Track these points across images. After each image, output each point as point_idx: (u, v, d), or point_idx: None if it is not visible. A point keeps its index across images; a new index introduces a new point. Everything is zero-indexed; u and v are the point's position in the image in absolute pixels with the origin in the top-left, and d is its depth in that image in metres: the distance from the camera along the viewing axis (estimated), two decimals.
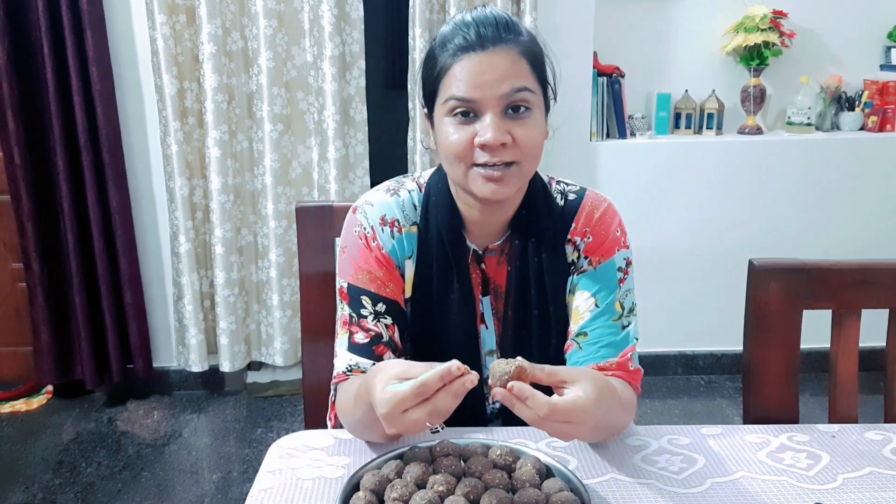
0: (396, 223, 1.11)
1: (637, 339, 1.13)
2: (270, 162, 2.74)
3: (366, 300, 1.09)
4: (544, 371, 0.85)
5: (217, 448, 2.65)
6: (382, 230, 1.11)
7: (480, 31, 1.00)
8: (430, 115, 1.07)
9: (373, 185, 2.80)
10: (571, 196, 1.15)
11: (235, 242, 2.82)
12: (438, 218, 1.11)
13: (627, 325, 1.11)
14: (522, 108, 1.00)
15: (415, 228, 1.12)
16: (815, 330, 1.33)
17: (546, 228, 1.11)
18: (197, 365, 2.88)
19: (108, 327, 2.82)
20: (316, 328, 1.32)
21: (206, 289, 2.90)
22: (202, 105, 2.68)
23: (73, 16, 2.55)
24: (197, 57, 2.66)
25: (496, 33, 1.00)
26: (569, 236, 1.13)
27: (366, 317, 1.09)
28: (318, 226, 1.32)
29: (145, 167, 2.83)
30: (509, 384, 0.81)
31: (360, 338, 1.09)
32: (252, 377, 3.03)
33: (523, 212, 1.11)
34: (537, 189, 1.12)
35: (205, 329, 2.89)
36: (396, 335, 1.11)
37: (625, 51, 2.94)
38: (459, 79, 0.99)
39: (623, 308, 1.12)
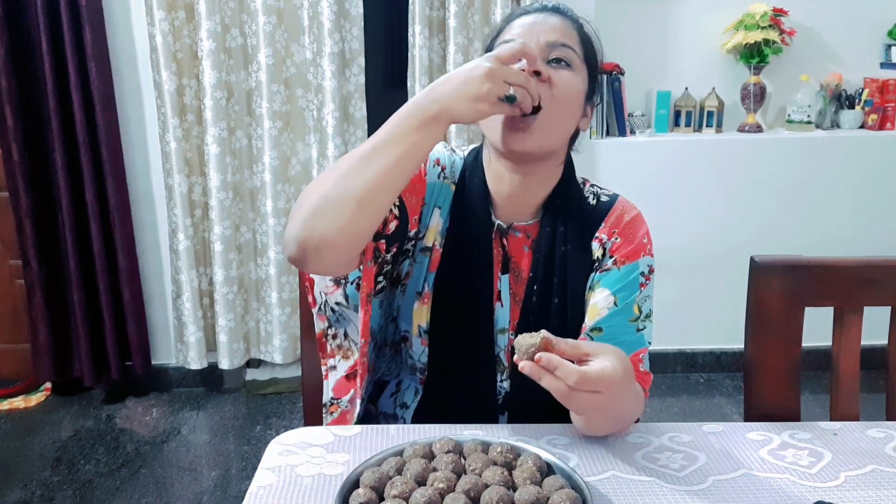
0: (445, 170, 1.15)
1: (650, 343, 1.13)
2: (269, 159, 2.73)
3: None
4: (568, 344, 0.85)
5: (216, 445, 2.65)
6: (433, 167, 1.14)
7: (542, 5, 1.11)
8: None
9: None
10: (604, 198, 1.18)
11: (234, 240, 2.82)
12: (472, 193, 1.14)
13: (642, 329, 1.12)
14: (564, 62, 1.05)
15: (454, 187, 1.15)
16: (817, 328, 1.33)
17: (576, 220, 1.13)
18: (196, 362, 2.87)
19: (106, 324, 2.81)
20: (315, 326, 1.31)
21: (205, 286, 2.89)
22: (201, 102, 2.67)
23: (72, 12, 2.55)
24: (196, 53, 2.65)
25: (555, 8, 1.10)
26: (597, 234, 1.15)
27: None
28: None
29: (144, 164, 2.82)
30: (536, 356, 0.80)
31: None
32: (251, 374, 3.03)
33: (557, 200, 1.13)
34: (571, 181, 1.15)
35: (204, 326, 2.89)
36: (392, 226, 1.04)
37: (625, 48, 2.93)
38: (512, 30, 1.08)
39: (640, 312, 1.12)
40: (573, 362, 0.86)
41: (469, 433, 1.00)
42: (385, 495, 0.86)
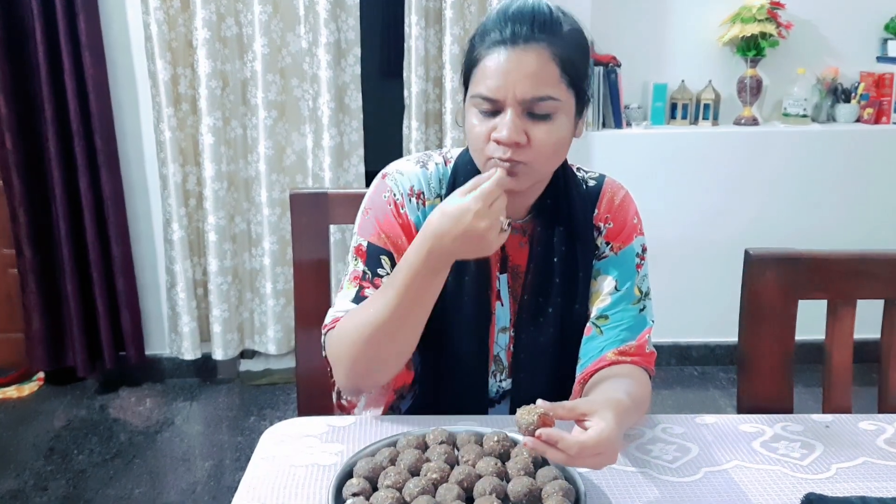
0: (422, 195, 1.13)
1: (653, 321, 1.16)
2: (264, 149, 2.72)
3: (385, 260, 1.10)
4: (565, 408, 0.86)
5: (209, 436, 2.65)
6: (410, 200, 1.12)
7: (515, 28, 0.99)
8: (465, 98, 1.08)
9: (367, 173, 2.81)
10: (591, 182, 1.18)
11: (229, 230, 2.81)
12: None
13: (643, 309, 1.14)
14: (545, 113, 1.00)
15: (437, 201, 1.13)
16: (811, 321, 1.33)
17: (576, 216, 1.13)
18: (190, 353, 2.87)
19: (100, 314, 2.81)
20: (309, 316, 1.31)
21: (200, 276, 2.89)
22: (196, 91, 2.66)
23: (66, 0, 2.53)
24: (191, 42, 2.64)
25: (530, 32, 0.98)
26: (593, 222, 1.16)
27: (381, 276, 1.09)
28: (312, 213, 1.32)
29: (138, 153, 2.81)
30: (537, 433, 0.82)
31: (371, 293, 1.08)
32: (245, 365, 3.02)
33: (548, 201, 1.12)
34: (566, 177, 1.13)
35: (198, 317, 2.88)
36: None
37: (621, 40, 2.92)
38: (486, 75, 1.00)
39: (641, 292, 1.15)
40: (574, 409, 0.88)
41: (463, 425, 1.00)
42: (378, 485, 0.86)
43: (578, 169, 1.19)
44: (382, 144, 2.99)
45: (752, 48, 2.85)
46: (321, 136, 2.70)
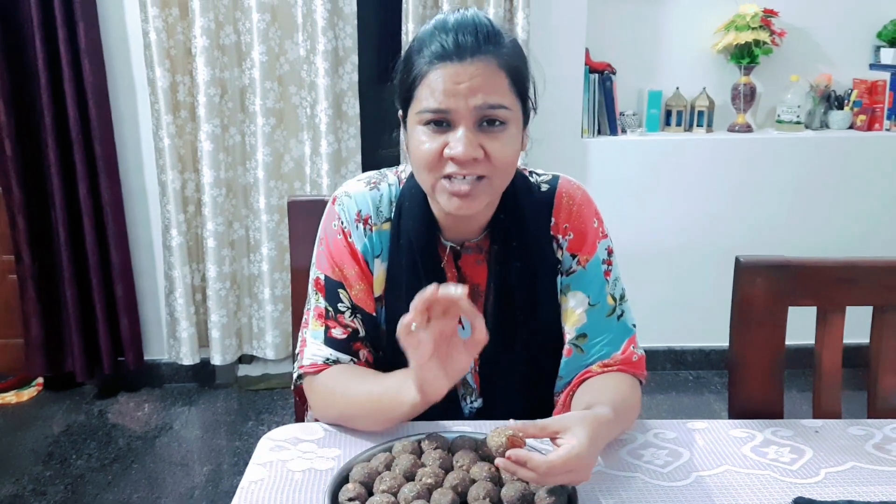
0: (369, 220, 1.11)
1: (635, 325, 1.15)
2: (263, 156, 2.74)
3: (342, 293, 1.10)
4: (536, 427, 0.87)
5: (208, 441, 2.65)
6: (357, 227, 1.11)
7: (459, 39, 0.97)
8: (404, 118, 1.05)
9: None
10: (544, 187, 1.14)
11: (227, 236, 2.82)
12: (411, 224, 1.09)
13: (622, 315, 1.13)
14: (497, 123, 0.98)
15: (387, 226, 1.11)
16: (801, 326, 1.35)
17: (530, 227, 1.10)
18: (188, 358, 2.88)
19: (99, 320, 2.82)
20: None
21: (198, 282, 2.90)
22: (194, 98, 2.68)
23: (66, 8, 2.54)
24: (190, 50, 2.65)
25: (475, 43, 0.97)
26: (550, 233, 1.12)
27: (343, 312, 1.10)
28: (309, 220, 1.32)
29: (137, 160, 2.82)
30: (507, 454, 0.83)
31: (338, 333, 1.09)
32: (243, 370, 3.03)
33: (501, 216, 1.09)
34: (517, 190, 1.10)
35: (196, 322, 2.89)
36: (360, 329, 1.11)
37: (616, 48, 2.94)
38: (434, 89, 0.97)
39: (615, 299, 1.13)
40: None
41: (457, 430, 1.01)
42: (374, 490, 0.87)
43: (531, 173, 1.15)
44: (379, 151, 3.01)
45: (745, 56, 2.87)
46: (319, 142, 2.72)
